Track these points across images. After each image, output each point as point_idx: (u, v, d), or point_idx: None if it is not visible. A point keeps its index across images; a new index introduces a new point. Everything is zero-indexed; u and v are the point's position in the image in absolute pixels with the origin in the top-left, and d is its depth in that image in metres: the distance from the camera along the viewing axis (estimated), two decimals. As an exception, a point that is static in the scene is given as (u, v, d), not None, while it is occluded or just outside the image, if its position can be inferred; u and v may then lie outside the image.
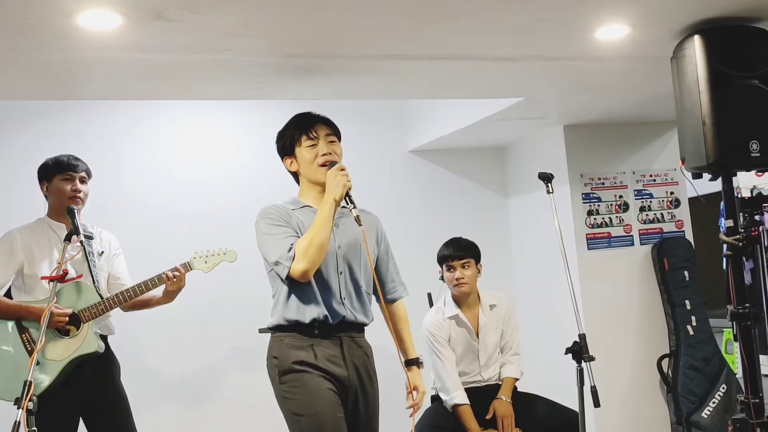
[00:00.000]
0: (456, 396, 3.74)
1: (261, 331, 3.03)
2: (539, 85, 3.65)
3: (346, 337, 2.82)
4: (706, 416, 4.46)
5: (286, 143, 2.88)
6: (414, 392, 2.98)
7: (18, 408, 2.61)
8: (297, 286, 2.75)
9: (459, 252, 3.88)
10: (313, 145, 2.82)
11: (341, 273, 2.81)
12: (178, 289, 3.53)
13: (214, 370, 4.67)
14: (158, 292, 3.56)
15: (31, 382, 2.65)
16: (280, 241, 2.72)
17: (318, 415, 2.67)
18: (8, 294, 3.46)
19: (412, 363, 3.06)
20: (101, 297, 3.40)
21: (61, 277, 3.07)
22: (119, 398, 3.54)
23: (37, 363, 3.23)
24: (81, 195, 3.50)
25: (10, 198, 4.37)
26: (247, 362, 4.57)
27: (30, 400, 2.65)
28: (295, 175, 2.95)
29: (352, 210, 2.67)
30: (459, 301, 3.92)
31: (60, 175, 3.49)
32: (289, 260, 2.66)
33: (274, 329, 2.85)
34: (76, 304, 3.36)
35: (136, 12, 2.36)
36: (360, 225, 2.65)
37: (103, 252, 3.59)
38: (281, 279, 2.75)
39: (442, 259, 3.92)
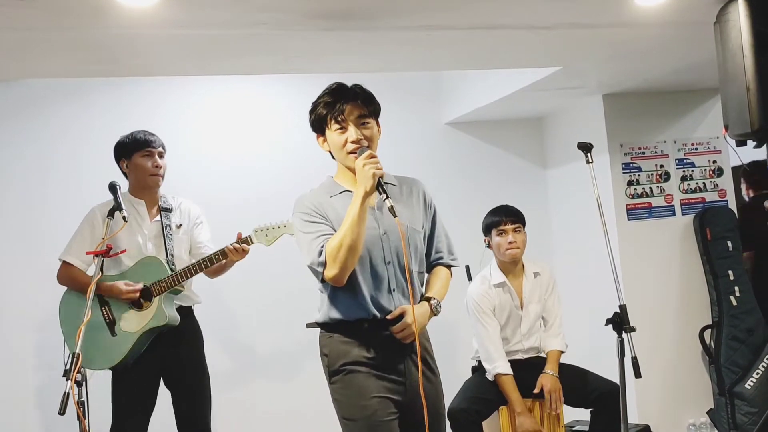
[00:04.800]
0: (499, 365, 3.75)
1: (309, 326, 2.92)
2: (577, 53, 3.60)
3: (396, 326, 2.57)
4: (749, 387, 4.42)
5: (316, 122, 2.64)
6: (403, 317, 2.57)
7: (67, 379, 2.69)
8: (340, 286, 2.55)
9: (511, 216, 3.88)
10: (341, 130, 2.56)
11: (389, 263, 2.59)
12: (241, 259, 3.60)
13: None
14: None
15: (79, 354, 2.72)
16: (311, 242, 2.53)
17: (366, 420, 2.52)
18: (101, 269, 3.60)
19: (423, 299, 2.70)
20: (172, 271, 3.52)
21: (105, 252, 3.17)
22: (197, 367, 3.69)
23: (114, 335, 3.50)
24: (161, 171, 3.63)
25: (44, 178, 4.48)
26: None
27: (78, 371, 2.72)
28: (330, 154, 2.71)
29: (385, 201, 2.44)
30: (505, 269, 3.92)
31: (139, 152, 3.60)
32: (320, 266, 2.49)
33: (321, 325, 2.69)
34: (150, 278, 3.51)
35: (174, -12, 2.38)
36: (395, 216, 2.42)
37: (181, 225, 3.70)
38: None
39: (492, 225, 3.89)
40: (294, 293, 4.51)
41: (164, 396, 3.67)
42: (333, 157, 2.70)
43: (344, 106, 2.56)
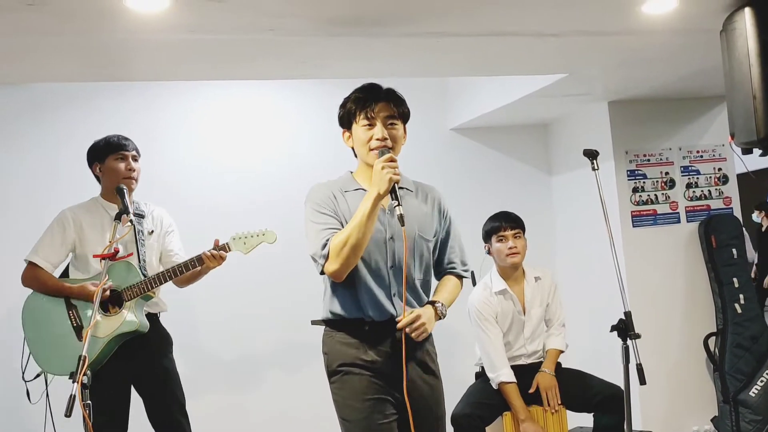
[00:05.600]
0: (503, 374, 3.75)
1: (314, 323, 2.92)
2: (584, 60, 3.61)
3: (398, 332, 2.56)
4: (753, 395, 4.41)
5: (344, 116, 2.66)
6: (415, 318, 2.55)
7: (73, 382, 2.69)
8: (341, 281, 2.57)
9: (511, 222, 3.88)
10: (369, 126, 2.58)
11: (391, 267, 2.59)
12: (218, 266, 3.55)
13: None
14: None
15: (85, 357, 2.72)
16: (317, 233, 2.54)
17: (361, 421, 2.54)
18: (66, 272, 3.58)
19: (429, 302, 2.69)
20: (144, 276, 3.46)
21: (112, 255, 3.15)
22: (167, 373, 3.62)
23: (80, 339, 3.37)
24: (135, 174, 3.58)
25: (49, 181, 4.48)
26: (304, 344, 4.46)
27: (85, 374, 2.73)
28: (353, 150, 2.71)
29: (396, 208, 2.43)
30: (505, 275, 3.92)
31: (113, 155, 3.56)
32: (322, 258, 2.50)
33: (325, 323, 2.70)
34: (121, 282, 3.43)
35: (184, -7, 2.39)
36: (402, 225, 2.41)
37: (153, 231, 3.65)
38: None
39: (492, 231, 3.89)
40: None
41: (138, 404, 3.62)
42: (355, 155, 2.72)
43: (375, 103, 2.59)
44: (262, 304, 4.66)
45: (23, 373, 3.51)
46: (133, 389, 3.58)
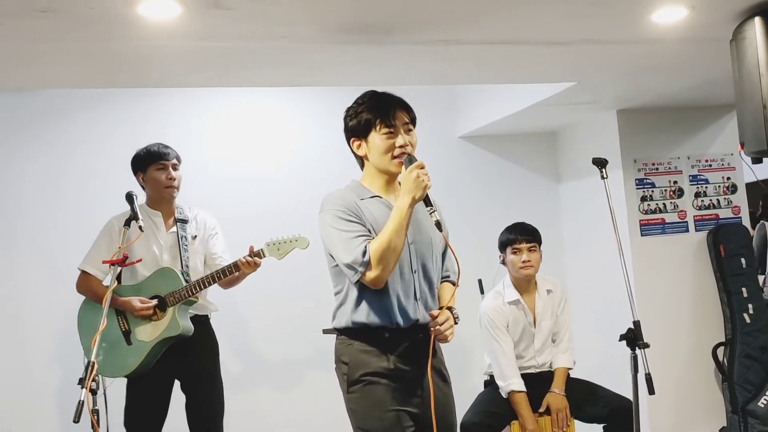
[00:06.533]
0: (513, 383, 3.74)
1: (325, 332, 2.89)
2: (592, 69, 3.61)
3: (419, 338, 2.59)
4: (762, 405, 4.39)
5: (359, 125, 2.61)
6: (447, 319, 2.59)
7: (81, 387, 2.70)
8: (369, 289, 2.53)
9: (527, 235, 3.87)
10: (390, 134, 2.57)
11: (415, 271, 2.61)
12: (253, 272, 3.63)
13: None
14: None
15: (93, 363, 2.74)
16: (351, 240, 2.50)
17: None
18: (119, 277, 3.68)
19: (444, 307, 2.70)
20: (187, 282, 3.56)
21: (121, 261, 3.18)
22: (211, 377, 3.72)
23: (129, 344, 3.56)
24: (175, 183, 3.67)
25: (60, 186, 4.52)
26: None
27: (93, 380, 2.74)
28: (360, 159, 2.70)
29: (432, 214, 2.48)
30: (519, 286, 3.91)
31: (154, 165, 3.65)
32: (363, 266, 2.46)
33: (341, 332, 2.65)
34: (164, 288, 3.56)
35: (195, 1, 2.40)
36: (440, 230, 2.51)
37: (196, 236, 3.73)
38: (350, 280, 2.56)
39: (508, 242, 3.88)
40: (308, 304, 4.56)
41: (177, 404, 3.69)
42: (361, 164, 2.71)
43: (396, 111, 2.59)
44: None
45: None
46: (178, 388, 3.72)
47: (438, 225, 2.48)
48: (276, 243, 3.62)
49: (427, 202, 2.50)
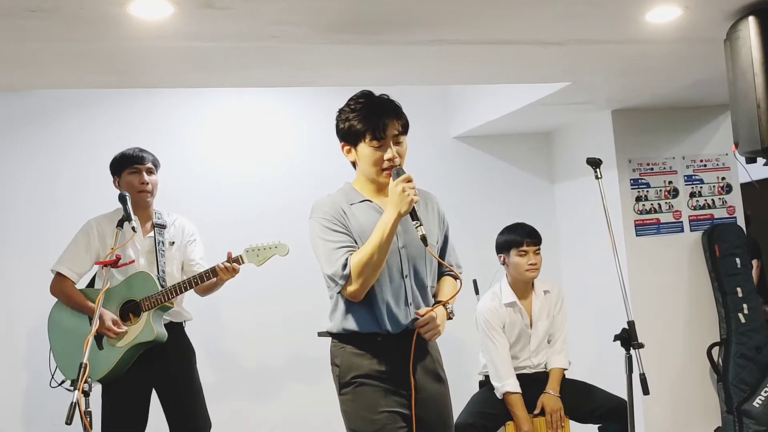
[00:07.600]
0: (509, 384, 3.74)
1: (320, 334, 2.89)
2: (587, 69, 3.60)
3: (411, 342, 2.56)
4: (757, 405, 4.39)
5: (349, 133, 2.58)
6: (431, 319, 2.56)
7: (74, 390, 2.69)
8: None
9: (534, 238, 3.84)
10: (379, 147, 2.54)
11: (407, 276, 2.59)
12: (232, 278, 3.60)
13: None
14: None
15: (86, 365, 2.73)
16: (333, 251, 2.50)
17: None
18: (92, 282, 3.67)
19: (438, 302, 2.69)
20: (162, 287, 3.51)
21: (113, 263, 3.17)
22: (189, 383, 3.68)
23: (101, 348, 3.49)
24: (148, 187, 3.62)
25: (52, 187, 4.50)
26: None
27: (85, 381, 2.73)
28: (353, 162, 2.69)
29: (418, 228, 2.44)
30: (516, 288, 3.90)
31: (128, 169, 3.62)
32: (343, 279, 2.47)
33: (334, 335, 2.67)
34: (139, 293, 3.50)
35: (187, 0, 2.39)
36: (426, 245, 2.43)
37: (174, 242, 3.69)
38: None
39: (513, 244, 3.83)
40: (289, 311, 4.61)
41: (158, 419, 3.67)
42: (354, 167, 2.69)
43: (386, 122, 2.54)
44: (275, 314, 4.67)
45: (51, 377, 3.61)
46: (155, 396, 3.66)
47: (423, 239, 2.42)
48: (255, 249, 3.57)
49: (414, 216, 2.46)
